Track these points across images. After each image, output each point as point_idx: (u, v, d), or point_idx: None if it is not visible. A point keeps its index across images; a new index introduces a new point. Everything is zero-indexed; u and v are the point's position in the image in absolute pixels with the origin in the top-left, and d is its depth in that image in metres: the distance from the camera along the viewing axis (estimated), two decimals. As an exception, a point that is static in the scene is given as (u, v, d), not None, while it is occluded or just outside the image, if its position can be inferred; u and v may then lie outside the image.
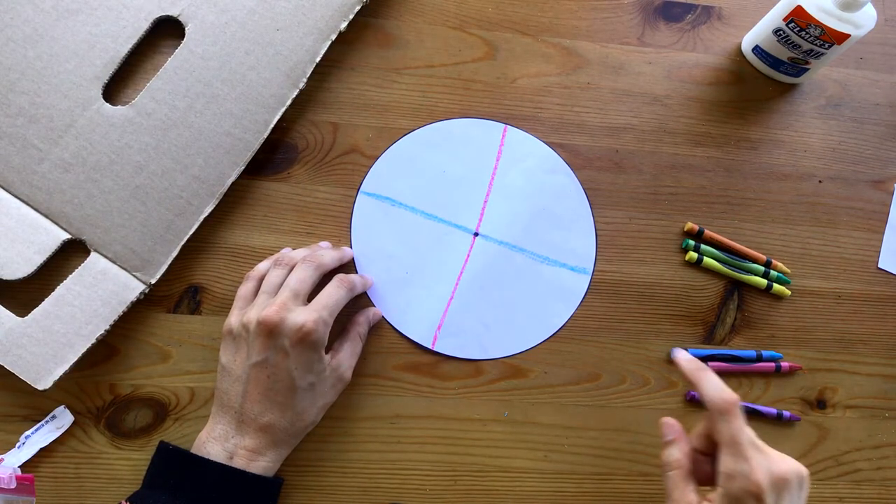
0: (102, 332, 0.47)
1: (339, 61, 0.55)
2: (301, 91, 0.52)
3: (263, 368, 0.44)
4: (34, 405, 0.48)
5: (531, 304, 0.54)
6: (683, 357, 0.43)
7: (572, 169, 0.56)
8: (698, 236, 0.56)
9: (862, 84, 0.60)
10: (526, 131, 0.56)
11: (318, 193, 0.53)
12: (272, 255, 0.51)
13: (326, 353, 0.46)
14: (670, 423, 0.44)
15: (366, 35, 0.55)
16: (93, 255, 0.49)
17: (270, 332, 0.44)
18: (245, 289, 0.48)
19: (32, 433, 0.48)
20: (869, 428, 0.56)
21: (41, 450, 0.48)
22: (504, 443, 0.52)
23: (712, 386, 0.40)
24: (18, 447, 0.47)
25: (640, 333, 0.55)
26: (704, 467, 0.42)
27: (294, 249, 0.51)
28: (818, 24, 0.51)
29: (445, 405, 0.52)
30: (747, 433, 0.39)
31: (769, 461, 0.38)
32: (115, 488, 0.48)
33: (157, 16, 0.51)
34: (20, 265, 0.47)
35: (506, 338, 0.53)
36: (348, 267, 0.52)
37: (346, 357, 0.48)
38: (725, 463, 0.39)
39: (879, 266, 0.58)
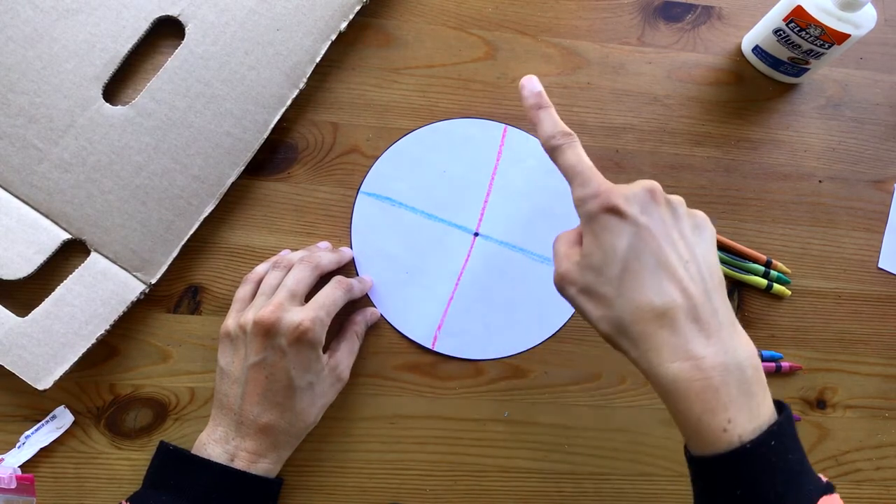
0: (102, 332, 0.47)
1: (339, 61, 0.55)
2: (301, 91, 0.52)
3: (261, 369, 0.44)
4: (34, 405, 0.48)
5: (531, 304, 0.54)
6: (530, 87, 0.40)
7: (572, 169, 0.56)
8: (698, 236, 0.56)
9: (862, 84, 0.60)
10: (526, 131, 0.56)
11: (318, 193, 0.53)
12: (272, 255, 0.51)
13: (324, 352, 0.46)
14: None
15: (366, 35, 0.55)
16: (93, 255, 0.49)
17: (267, 331, 0.44)
18: (243, 291, 0.48)
19: (32, 433, 0.48)
20: (869, 428, 0.56)
21: (41, 450, 0.48)
22: (504, 443, 0.52)
23: (548, 124, 0.39)
24: (18, 447, 0.47)
25: (640, 333, 0.54)
26: None
27: (293, 251, 0.51)
28: (818, 24, 0.51)
29: (445, 405, 0.52)
30: (587, 161, 0.38)
31: (617, 185, 0.37)
32: (115, 488, 0.48)
33: (157, 16, 0.51)
34: (20, 265, 0.47)
35: (506, 338, 0.53)
36: (348, 268, 0.52)
37: (343, 356, 0.48)
38: (576, 193, 0.37)
39: (879, 266, 0.58)
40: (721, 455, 0.34)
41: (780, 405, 0.36)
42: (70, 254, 0.49)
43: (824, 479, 0.36)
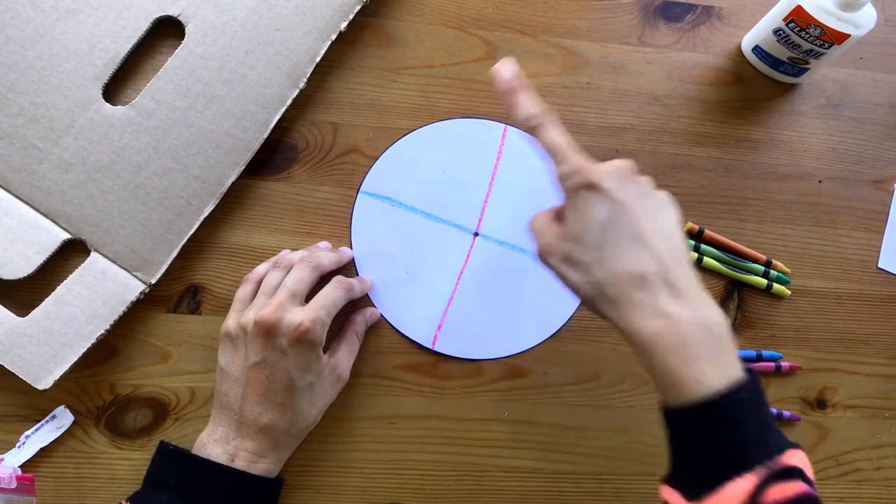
0: (102, 332, 0.47)
1: (339, 61, 0.55)
2: (301, 91, 0.52)
3: (262, 369, 0.44)
4: (34, 405, 0.48)
5: (531, 304, 0.54)
6: (502, 74, 0.42)
7: (572, 169, 0.56)
8: (698, 236, 0.56)
9: (862, 84, 0.60)
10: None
11: (318, 193, 0.53)
12: (272, 255, 0.51)
13: (324, 352, 0.46)
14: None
15: (366, 35, 0.55)
16: (93, 254, 0.49)
17: (268, 331, 0.44)
18: (243, 291, 0.48)
19: (32, 433, 0.48)
20: (869, 428, 0.56)
21: (41, 450, 0.48)
22: (504, 443, 0.52)
23: (523, 107, 0.41)
24: (18, 447, 0.47)
25: (640, 333, 0.54)
26: None
27: (293, 251, 0.51)
28: (818, 24, 0.51)
29: (445, 405, 0.52)
30: (566, 139, 0.40)
31: (595, 163, 0.40)
32: (115, 488, 0.48)
33: (157, 16, 0.51)
34: (20, 265, 0.47)
35: (506, 338, 0.53)
36: (348, 268, 0.52)
37: (343, 356, 0.48)
38: (557, 170, 0.40)
39: (879, 266, 0.58)
40: (696, 404, 0.36)
41: (747, 369, 0.38)
42: (70, 254, 0.49)
43: (792, 440, 0.38)
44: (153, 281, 0.49)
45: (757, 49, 0.58)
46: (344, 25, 0.53)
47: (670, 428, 0.39)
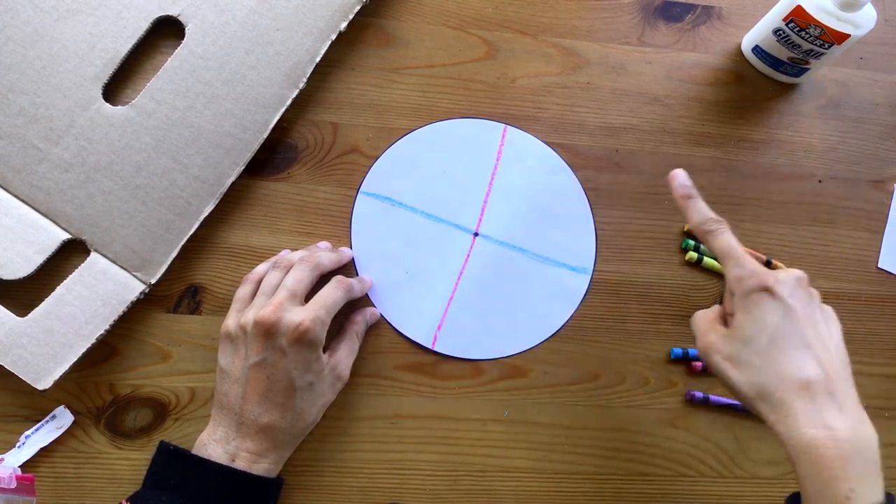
0: (102, 332, 0.47)
1: (339, 61, 0.55)
2: (301, 91, 0.52)
3: (262, 369, 0.44)
4: (34, 405, 0.48)
5: (531, 304, 0.54)
6: (678, 179, 0.45)
7: (572, 169, 0.56)
8: (698, 236, 0.56)
9: (862, 84, 0.60)
10: (526, 131, 0.56)
11: (318, 193, 0.53)
12: (272, 255, 0.51)
13: (324, 352, 0.46)
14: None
15: (366, 35, 0.55)
16: (93, 255, 0.49)
17: (267, 331, 0.44)
18: (243, 291, 0.48)
19: (32, 433, 0.48)
20: (869, 428, 0.56)
21: (41, 450, 0.48)
22: (504, 443, 0.52)
23: (697, 212, 0.44)
24: (18, 447, 0.47)
25: (640, 333, 0.55)
26: None
27: (293, 251, 0.51)
28: (818, 24, 0.51)
29: (445, 405, 0.52)
30: (738, 244, 0.43)
31: (768, 269, 0.42)
32: (115, 488, 0.48)
33: (157, 16, 0.51)
34: (20, 265, 0.47)
35: (506, 338, 0.53)
36: (348, 268, 0.52)
37: (343, 356, 0.48)
38: (730, 272, 0.42)
39: (879, 266, 0.58)
40: None
41: (887, 494, 0.38)
42: (70, 254, 0.49)
43: None
44: (153, 281, 0.49)
45: (757, 49, 0.58)
46: (344, 25, 0.53)
47: None
